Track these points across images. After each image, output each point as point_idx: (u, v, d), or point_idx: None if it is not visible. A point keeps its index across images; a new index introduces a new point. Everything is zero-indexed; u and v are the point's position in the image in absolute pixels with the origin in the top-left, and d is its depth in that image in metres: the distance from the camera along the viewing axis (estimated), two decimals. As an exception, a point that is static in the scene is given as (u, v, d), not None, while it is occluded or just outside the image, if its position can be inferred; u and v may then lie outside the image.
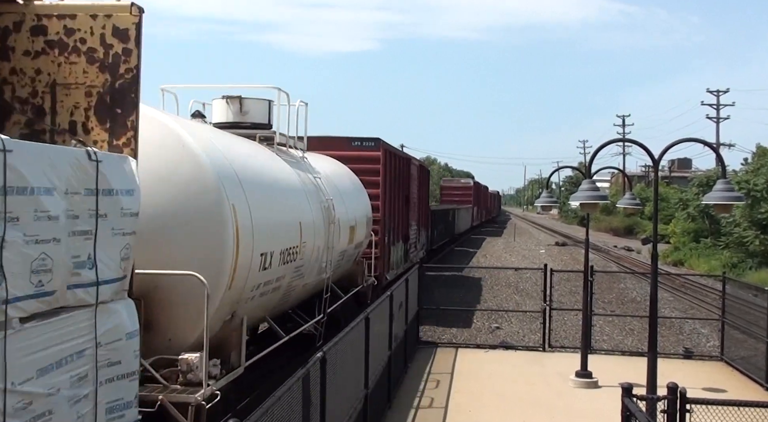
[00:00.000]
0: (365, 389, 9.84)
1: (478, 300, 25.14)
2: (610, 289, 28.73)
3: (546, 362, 15.75)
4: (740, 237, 37.37)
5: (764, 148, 46.60)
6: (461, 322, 20.26)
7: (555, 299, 17.93)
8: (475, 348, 17.02)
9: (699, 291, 27.73)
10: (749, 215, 36.60)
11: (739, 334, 15.60)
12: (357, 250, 15.86)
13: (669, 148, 10.73)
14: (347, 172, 16.51)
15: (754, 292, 15.78)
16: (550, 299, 17.34)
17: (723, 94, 68.24)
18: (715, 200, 10.07)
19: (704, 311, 23.59)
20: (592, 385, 13.80)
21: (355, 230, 15.02)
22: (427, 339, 17.60)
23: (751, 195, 35.66)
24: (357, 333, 9.29)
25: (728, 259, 37.73)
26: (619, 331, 20.42)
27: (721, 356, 16.24)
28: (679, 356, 16.80)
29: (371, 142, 18.68)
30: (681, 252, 45.12)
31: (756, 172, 39.30)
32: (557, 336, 17.82)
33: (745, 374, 14.69)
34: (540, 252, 48.39)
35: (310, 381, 6.61)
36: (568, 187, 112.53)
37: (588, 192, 10.52)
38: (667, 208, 53.63)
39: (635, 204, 14.30)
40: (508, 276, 30.25)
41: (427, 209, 29.50)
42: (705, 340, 19.42)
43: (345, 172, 16.37)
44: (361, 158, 18.14)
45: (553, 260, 39.50)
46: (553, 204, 16.17)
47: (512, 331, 19.90)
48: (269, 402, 5.40)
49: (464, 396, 12.89)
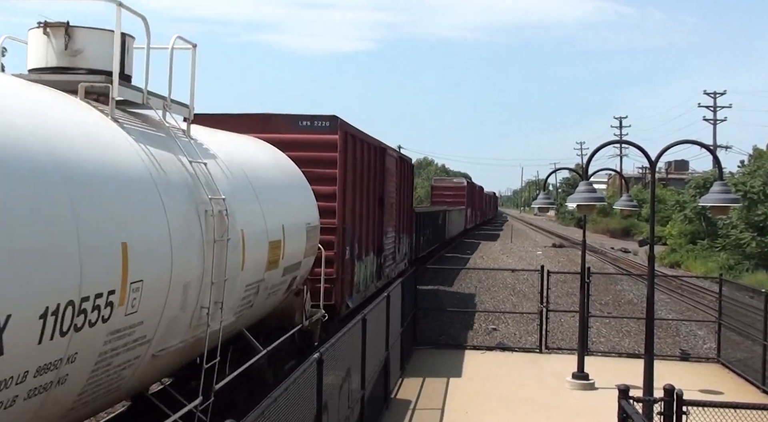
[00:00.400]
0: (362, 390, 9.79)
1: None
2: (607, 291, 28.74)
3: (543, 363, 15.75)
4: (737, 239, 37.42)
5: (761, 150, 46.75)
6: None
7: (552, 301, 17.96)
8: (472, 350, 17.00)
9: (696, 293, 27.75)
10: (746, 217, 36.66)
11: (735, 336, 15.62)
12: (291, 276, 10.67)
13: (666, 149, 10.75)
14: (278, 161, 11.59)
15: (751, 294, 15.81)
16: (546, 300, 17.34)
17: (720, 96, 68.33)
18: (712, 202, 10.08)
19: (701, 313, 23.60)
20: (588, 387, 13.81)
21: (281, 247, 9.84)
22: (423, 341, 17.58)
23: (747, 197, 35.74)
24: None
25: (725, 261, 37.76)
26: (616, 333, 20.42)
27: (717, 358, 16.25)
28: (676, 358, 16.81)
29: (325, 121, 14.01)
30: (678, 254, 45.17)
31: (753, 174, 39.39)
32: (554, 337, 17.82)
33: (742, 376, 14.70)
34: (537, 254, 48.40)
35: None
36: (565, 188, 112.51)
37: (585, 193, 10.52)
38: (664, 210, 53.67)
39: (632, 205, 14.33)
40: (504, 278, 30.27)
41: (410, 211, 24.32)
42: (701, 342, 19.43)
43: (273, 159, 11.41)
44: (311, 143, 13.68)
45: (550, 262, 39.50)
46: (550, 205, 16.17)
47: (509, 333, 19.89)
48: (265, 403, 5.39)
49: (461, 398, 12.88)
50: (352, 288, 14.85)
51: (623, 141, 41.30)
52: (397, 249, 20.97)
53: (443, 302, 19.43)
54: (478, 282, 29.86)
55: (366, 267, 16.40)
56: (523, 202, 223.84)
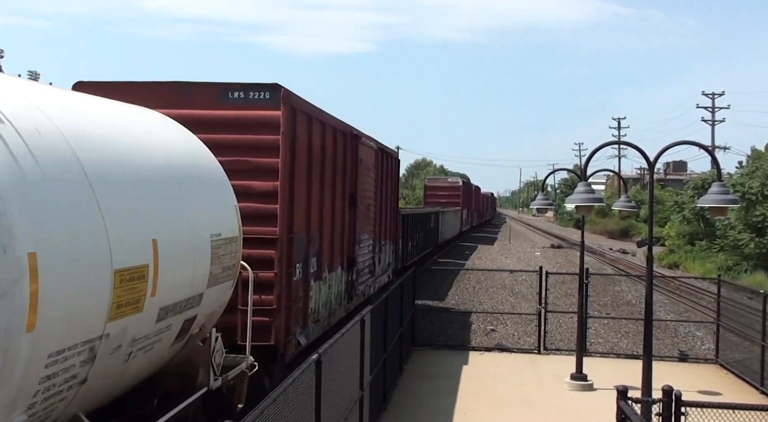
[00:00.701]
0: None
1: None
2: (605, 292, 28.76)
3: (541, 364, 15.75)
4: (735, 240, 37.44)
5: (759, 151, 46.84)
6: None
7: (550, 301, 17.95)
8: (470, 351, 17.00)
9: (694, 294, 27.76)
10: (744, 218, 36.69)
11: (734, 337, 15.63)
12: (180, 319, 7.01)
13: (664, 150, 10.77)
14: (174, 142, 7.85)
15: (749, 295, 15.84)
16: (545, 301, 17.34)
17: (718, 96, 68.44)
18: (711, 203, 10.09)
19: (699, 314, 23.60)
20: (587, 388, 13.81)
21: (150, 275, 6.16)
22: (422, 342, 17.57)
23: (746, 198, 35.76)
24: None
25: (723, 262, 37.78)
26: (614, 334, 20.42)
27: (716, 359, 16.26)
28: (674, 359, 16.81)
29: (263, 91, 10.08)
30: (676, 255, 45.20)
31: (751, 174, 39.42)
32: (552, 338, 17.83)
33: (740, 377, 14.71)
34: (535, 255, 48.44)
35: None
36: (563, 189, 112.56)
37: (583, 194, 10.52)
38: (662, 211, 53.74)
39: (630, 206, 14.33)
40: (503, 279, 30.29)
41: (394, 213, 20.31)
42: (700, 343, 19.44)
43: (166, 139, 7.72)
44: (244, 122, 9.97)
45: (549, 262, 39.53)
46: (548, 206, 16.18)
47: (507, 334, 19.89)
48: (264, 404, 5.38)
49: (459, 398, 12.88)
50: (306, 318, 11.09)
51: (622, 142, 41.40)
52: (376, 259, 17.13)
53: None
54: (476, 283, 29.88)
55: (331, 288, 12.68)
56: (522, 203, 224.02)
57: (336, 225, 12.98)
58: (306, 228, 11.13)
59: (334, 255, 12.88)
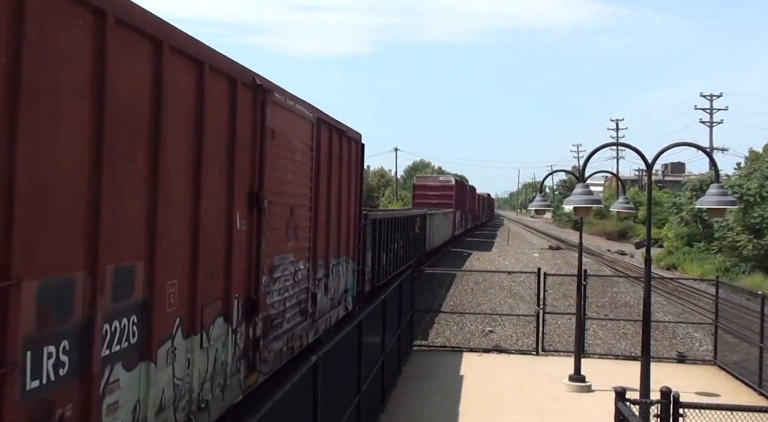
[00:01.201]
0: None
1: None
2: (604, 293, 28.77)
3: (539, 366, 15.74)
4: (733, 242, 37.49)
5: (757, 152, 46.83)
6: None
7: (548, 303, 17.93)
8: (468, 352, 16.99)
9: (692, 295, 27.78)
10: (742, 219, 36.74)
11: (732, 338, 15.62)
12: None
13: (662, 152, 10.77)
14: None
15: (748, 296, 15.83)
16: (543, 303, 17.33)
17: (716, 98, 68.53)
18: (709, 204, 10.09)
19: (697, 315, 23.61)
20: (585, 389, 13.80)
21: None
22: (420, 343, 17.56)
23: (744, 199, 35.82)
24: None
25: (721, 263, 37.83)
26: (613, 335, 20.43)
27: (714, 360, 16.25)
28: (673, 360, 16.81)
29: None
30: (674, 256, 45.24)
31: (749, 176, 39.46)
32: (551, 339, 17.82)
33: (738, 378, 14.70)
34: (533, 256, 48.46)
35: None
36: (561, 190, 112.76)
37: (581, 195, 10.52)
38: (660, 212, 53.80)
39: (629, 208, 14.33)
40: (501, 280, 30.30)
41: (355, 219, 15.10)
42: (698, 344, 19.45)
43: None
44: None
45: (547, 264, 39.56)
46: (546, 207, 16.17)
47: (506, 335, 19.89)
48: (263, 404, 5.36)
49: (458, 400, 12.87)
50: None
51: (620, 143, 41.28)
52: (318, 291, 11.89)
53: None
54: (474, 284, 29.89)
55: (191, 364, 6.84)
56: (520, 205, 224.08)
57: (208, 246, 7.21)
58: (85, 261, 5.06)
59: (199, 301, 6.99)
